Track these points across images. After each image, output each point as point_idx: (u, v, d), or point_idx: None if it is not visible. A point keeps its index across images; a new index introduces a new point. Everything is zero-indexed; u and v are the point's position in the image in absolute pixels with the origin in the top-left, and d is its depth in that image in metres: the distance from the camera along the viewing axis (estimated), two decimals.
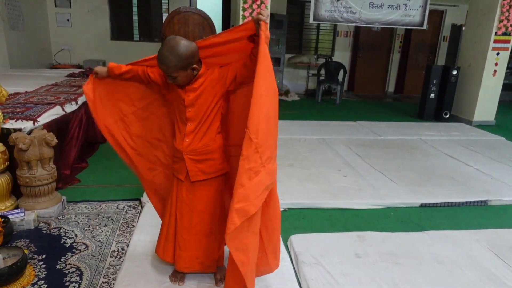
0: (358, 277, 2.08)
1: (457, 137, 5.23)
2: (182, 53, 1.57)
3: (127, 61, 6.30)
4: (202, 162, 1.76)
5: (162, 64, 1.60)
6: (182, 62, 1.58)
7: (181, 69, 1.60)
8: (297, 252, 2.27)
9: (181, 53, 1.56)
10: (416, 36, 8.85)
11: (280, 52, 8.12)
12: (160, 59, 1.60)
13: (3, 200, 2.55)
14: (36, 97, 3.51)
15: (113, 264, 2.13)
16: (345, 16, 6.22)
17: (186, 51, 1.57)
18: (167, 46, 1.57)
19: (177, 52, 1.56)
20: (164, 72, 1.65)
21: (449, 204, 3.15)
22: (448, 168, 3.94)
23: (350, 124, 5.76)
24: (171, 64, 1.58)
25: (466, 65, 6.35)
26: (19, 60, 6.37)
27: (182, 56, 1.57)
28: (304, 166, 3.79)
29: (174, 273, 1.99)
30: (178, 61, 1.57)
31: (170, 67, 1.59)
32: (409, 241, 2.49)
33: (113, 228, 2.52)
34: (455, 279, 2.12)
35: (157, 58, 1.62)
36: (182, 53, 1.57)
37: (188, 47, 1.58)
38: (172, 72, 1.61)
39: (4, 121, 2.64)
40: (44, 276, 2.01)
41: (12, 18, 6.19)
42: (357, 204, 3.04)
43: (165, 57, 1.57)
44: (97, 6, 7.84)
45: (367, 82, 9.23)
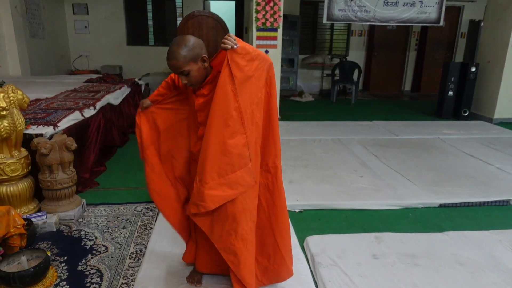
0: (375, 278, 2.06)
1: (477, 135, 5.11)
2: (189, 43, 1.54)
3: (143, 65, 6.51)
4: None
5: (172, 59, 1.54)
6: (191, 52, 1.53)
7: (191, 61, 1.55)
8: (314, 254, 2.26)
9: (188, 44, 1.54)
10: (432, 33, 8.69)
11: (294, 53, 8.12)
12: (169, 56, 1.54)
13: (26, 203, 2.62)
14: (56, 103, 3.61)
15: (132, 266, 2.17)
16: (359, 15, 6.16)
17: (193, 41, 1.56)
18: (174, 43, 1.55)
19: (185, 43, 1.53)
20: (175, 70, 1.58)
21: (470, 204, 3.07)
22: (468, 167, 3.86)
23: (366, 124, 5.70)
24: (180, 56, 1.52)
25: (486, 62, 6.20)
26: (39, 67, 6.57)
27: (190, 46, 1.54)
28: (319, 167, 3.77)
29: (191, 275, 2.01)
30: (187, 51, 1.53)
31: (179, 59, 1.53)
32: (428, 242, 2.44)
33: (132, 230, 2.57)
34: (477, 281, 2.07)
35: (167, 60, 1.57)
36: (189, 43, 1.54)
37: (195, 39, 1.57)
38: (182, 66, 1.54)
39: (26, 127, 2.72)
40: (66, 277, 2.06)
41: (32, 27, 6.38)
42: (374, 205, 3.00)
43: (173, 51, 1.53)
44: (114, 12, 8.01)
45: (382, 81, 9.11)
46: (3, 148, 2.45)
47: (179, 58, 1.53)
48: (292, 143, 4.55)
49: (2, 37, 5.64)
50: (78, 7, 7.86)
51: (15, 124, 2.44)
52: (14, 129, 2.43)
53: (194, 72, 1.58)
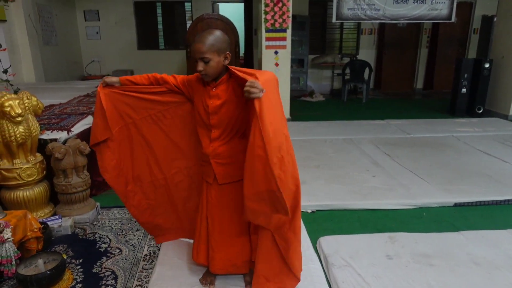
0: (390, 279, 2.03)
1: (492, 133, 5.02)
2: (220, 36, 1.63)
3: (154, 69, 6.55)
4: (228, 165, 1.78)
5: (199, 43, 1.59)
6: (218, 43, 1.61)
7: (216, 51, 1.61)
8: (327, 254, 2.25)
9: (219, 35, 1.63)
10: (444, 30, 8.56)
11: (304, 53, 8.10)
12: (197, 39, 1.61)
13: (42, 207, 2.68)
14: (70, 108, 3.67)
15: (145, 268, 2.19)
16: (368, 13, 6.12)
17: (224, 36, 1.65)
18: (206, 31, 1.63)
19: (216, 34, 1.62)
20: (198, 54, 1.60)
21: (485, 202, 3.02)
22: (483, 165, 3.79)
23: (377, 123, 5.65)
24: (209, 42, 1.59)
25: (500, 57, 6.09)
26: (53, 73, 6.70)
27: (220, 37, 1.63)
28: (331, 167, 3.75)
29: (204, 276, 2.02)
30: (216, 41, 1.60)
31: (206, 44, 1.59)
32: (443, 242, 2.41)
33: (145, 232, 2.59)
34: (493, 280, 2.03)
35: (191, 45, 1.65)
36: (220, 36, 1.63)
37: (225, 35, 1.66)
38: (206, 52, 1.59)
39: (41, 132, 2.78)
40: (82, 279, 2.09)
41: (45, 34, 6.51)
42: (387, 205, 2.97)
43: (203, 36, 1.60)
44: (124, 17, 8.13)
45: (394, 80, 9.02)
46: (19, 154, 2.50)
47: (206, 43, 1.60)
48: (303, 143, 4.53)
49: (17, 45, 5.77)
50: (89, 13, 8.00)
51: (30, 129, 2.49)
52: (29, 134, 2.48)
53: (214, 63, 1.63)
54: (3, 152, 2.48)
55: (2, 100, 2.34)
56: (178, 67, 8.38)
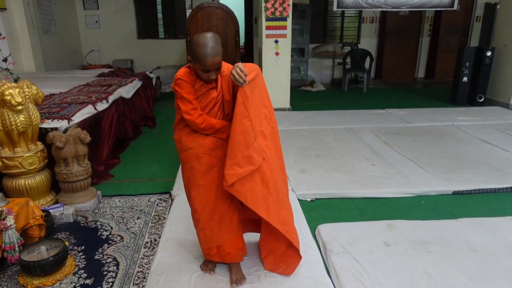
0: (387, 265, 2.06)
1: (493, 121, 5.01)
2: (219, 39, 1.63)
3: (154, 58, 6.57)
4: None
5: (215, 56, 1.59)
6: (220, 46, 1.63)
7: (221, 55, 1.65)
8: (325, 241, 2.28)
9: (219, 40, 1.63)
10: (446, 17, 8.48)
11: (304, 42, 8.04)
12: (211, 53, 1.58)
13: (44, 196, 2.70)
14: (70, 97, 3.68)
15: (146, 255, 2.22)
16: (370, 1, 6.05)
17: (218, 37, 1.65)
18: (209, 41, 1.59)
19: (218, 40, 1.62)
20: (214, 66, 1.62)
21: (484, 190, 3.03)
22: (483, 153, 3.79)
23: (378, 112, 5.64)
24: (220, 52, 1.62)
25: (502, 46, 6.04)
26: (53, 62, 6.68)
27: (218, 39, 1.63)
28: (331, 156, 3.76)
29: (205, 263, 2.05)
30: (219, 45, 1.62)
31: (220, 55, 1.62)
32: (441, 229, 2.43)
33: (146, 220, 2.62)
34: (490, 267, 2.05)
35: (201, 60, 1.59)
36: (219, 39, 1.63)
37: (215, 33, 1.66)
38: (220, 61, 1.64)
39: (42, 121, 2.79)
40: (84, 266, 2.12)
41: (45, 23, 6.47)
42: (386, 193, 2.99)
43: (214, 48, 1.59)
44: (123, 6, 8.05)
45: (395, 69, 8.96)
46: (20, 142, 2.52)
47: (220, 53, 1.63)
48: (303, 132, 4.54)
49: (16, 33, 5.74)
50: (88, 2, 7.93)
51: (31, 118, 2.50)
52: (30, 123, 2.49)
53: (221, 65, 1.68)
54: (4, 141, 2.50)
55: (3, 89, 2.34)
56: (178, 56, 8.34)
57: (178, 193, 2.94)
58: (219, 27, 6.44)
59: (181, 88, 1.70)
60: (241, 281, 1.93)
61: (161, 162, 3.75)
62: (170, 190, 3.05)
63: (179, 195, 2.90)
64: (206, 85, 1.73)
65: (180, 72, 1.72)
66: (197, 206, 1.86)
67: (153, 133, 4.81)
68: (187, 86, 1.70)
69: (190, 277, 1.97)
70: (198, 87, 1.73)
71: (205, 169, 1.80)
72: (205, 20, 6.41)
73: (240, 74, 1.59)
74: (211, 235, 1.89)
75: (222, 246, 1.90)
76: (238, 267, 1.99)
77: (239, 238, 1.94)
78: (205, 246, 1.95)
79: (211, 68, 1.62)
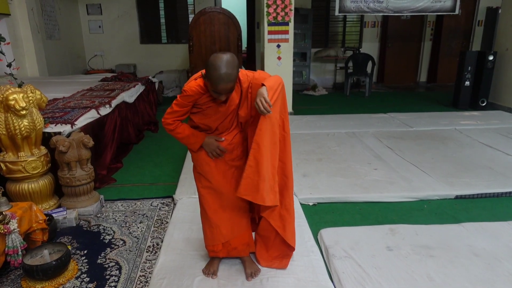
0: (390, 270, 2.06)
1: (495, 126, 5.00)
2: (235, 63, 1.57)
3: (156, 63, 6.61)
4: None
5: (229, 83, 1.55)
6: (236, 71, 1.59)
7: (237, 78, 1.62)
8: (327, 246, 2.27)
9: (235, 64, 1.57)
10: (448, 22, 8.50)
11: (306, 47, 8.06)
12: (225, 79, 1.53)
13: (47, 200, 2.72)
14: (73, 102, 3.70)
15: (149, 259, 2.23)
16: (371, 6, 6.08)
17: (236, 60, 1.60)
18: (224, 65, 1.52)
19: (233, 64, 1.56)
20: (224, 91, 1.59)
21: (487, 195, 3.03)
22: (485, 158, 3.78)
23: (380, 116, 5.64)
24: (235, 78, 1.58)
25: (504, 50, 6.04)
26: (56, 67, 6.72)
27: (236, 65, 1.58)
28: (333, 160, 3.76)
29: (207, 267, 2.06)
30: (237, 71, 1.59)
31: (234, 81, 1.58)
32: (443, 233, 2.42)
33: (148, 224, 2.63)
34: (493, 271, 2.04)
35: (213, 83, 1.56)
36: (235, 63, 1.57)
37: (234, 56, 1.60)
38: (234, 86, 1.61)
39: (45, 126, 2.80)
40: (86, 270, 2.13)
41: (48, 28, 6.53)
42: (388, 197, 2.98)
43: (229, 74, 1.54)
44: (126, 11, 8.11)
45: (397, 73, 8.97)
46: (24, 147, 2.53)
47: (234, 79, 1.59)
48: (305, 137, 4.54)
49: (20, 39, 5.79)
50: (92, 7, 8.00)
51: (35, 123, 2.52)
52: (33, 128, 2.51)
53: (234, 87, 1.63)
54: (8, 145, 2.51)
55: (7, 94, 2.36)
56: (180, 61, 8.38)
57: (181, 197, 2.95)
58: (221, 31, 6.47)
59: (182, 98, 1.72)
60: (256, 273, 2.00)
61: (164, 166, 3.76)
62: (172, 194, 3.05)
63: (182, 199, 2.91)
64: (214, 101, 1.73)
65: (190, 84, 1.69)
66: (205, 204, 1.90)
67: (155, 138, 4.83)
68: (188, 99, 1.71)
69: (192, 281, 1.97)
70: (206, 101, 1.72)
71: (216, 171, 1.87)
72: (207, 25, 6.44)
73: (265, 106, 1.57)
74: (218, 233, 1.92)
75: (229, 241, 1.94)
76: (251, 260, 2.06)
77: (246, 233, 1.98)
78: (210, 243, 1.96)
79: (222, 92, 1.60)
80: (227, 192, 1.88)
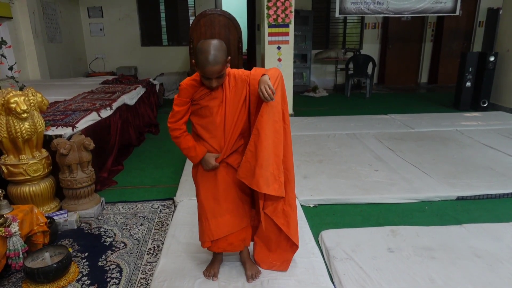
0: (391, 271, 2.05)
1: (496, 126, 4.99)
2: (223, 47, 1.60)
3: (157, 65, 6.62)
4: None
5: (215, 64, 1.57)
6: (225, 55, 1.61)
7: (225, 63, 1.63)
8: (328, 248, 2.27)
9: (223, 47, 1.60)
10: (449, 23, 8.50)
11: (307, 48, 8.08)
12: (211, 61, 1.56)
13: (48, 202, 2.72)
14: (74, 105, 3.71)
15: (150, 261, 2.23)
16: (372, 7, 6.08)
17: (224, 45, 1.63)
18: (211, 48, 1.56)
19: (221, 47, 1.59)
20: (215, 74, 1.61)
21: (488, 196, 3.02)
22: (487, 158, 3.77)
23: (381, 117, 5.64)
24: (222, 60, 1.59)
25: (505, 51, 6.04)
26: (57, 70, 6.75)
27: (224, 49, 1.61)
28: (334, 161, 3.76)
29: (208, 269, 2.05)
30: (224, 54, 1.60)
31: (222, 63, 1.59)
32: (445, 235, 2.41)
33: (149, 227, 2.63)
34: (495, 273, 2.03)
35: (201, 66, 1.59)
36: (223, 47, 1.60)
37: (221, 41, 1.63)
38: (222, 69, 1.61)
39: (46, 128, 2.81)
40: (87, 272, 2.13)
41: (50, 32, 6.55)
42: (389, 199, 2.98)
43: (215, 56, 1.56)
44: (127, 14, 8.14)
45: (398, 74, 8.97)
46: (25, 150, 2.54)
47: (222, 62, 1.60)
48: (306, 138, 4.54)
49: (21, 42, 5.82)
50: (93, 10, 8.03)
51: (36, 126, 2.53)
52: (34, 130, 2.51)
53: (224, 73, 1.66)
54: (9, 148, 2.52)
55: (8, 97, 2.37)
56: (181, 63, 8.40)
57: (181, 199, 2.95)
58: (222, 34, 6.49)
59: (179, 95, 1.76)
60: (256, 275, 2.00)
61: (164, 168, 3.76)
62: (173, 196, 3.05)
63: (182, 201, 2.91)
64: (210, 95, 1.73)
65: (184, 80, 1.77)
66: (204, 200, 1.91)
67: (156, 140, 4.83)
68: (184, 94, 1.74)
69: (193, 284, 1.97)
70: (201, 95, 1.74)
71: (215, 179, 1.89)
72: (208, 27, 6.46)
73: (269, 92, 1.61)
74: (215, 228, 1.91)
75: (226, 236, 1.93)
76: (252, 262, 2.06)
77: (243, 230, 1.96)
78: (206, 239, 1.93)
79: (210, 76, 1.62)
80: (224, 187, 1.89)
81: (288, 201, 1.89)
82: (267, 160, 1.70)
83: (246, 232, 2.00)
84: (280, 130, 1.76)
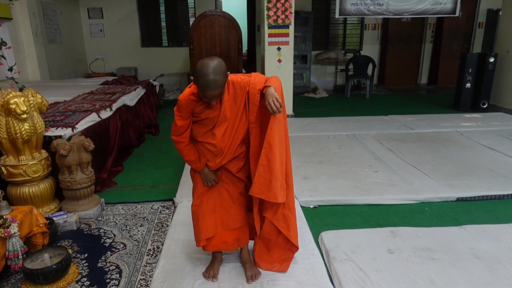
0: (391, 273, 2.05)
1: (496, 127, 4.99)
2: (223, 69, 1.58)
3: (157, 66, 6.63)
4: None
5: (216, 89, 1.57)
6: (224, 76, 1.59)
7: (225, 84, 1.62)
8: (328, 249, 2.27)
9: (222, 69, 1.58)
10: (448, 24, 8.50)
11: (307, 49, 8.08)
12: (212, 86, 1.55)
13: (48, 203, 2.72)
14: (74, 106, 3.71)
15: (149, 262, 2.22)
16: (372, 8, 6.09)
17: (224, 65, 1.61)
18: (211, 71, 1.54)
19: (221, 70, 1.57)
20: (215, 97, 1.62)
21: (488, 197, 3.01)
22: (486, 160, 3.77)
23: (381, 118, 5.64)
24: (223, 84, 1.59)
25: (505, 52, 6.04)
26: (57, 71, 6.75)
27: (224, 71, 1.59)
28: (334, 162, 3.76)
29: (208, 270, 2.05)
30: (224, 77, 1.59)
31: (222, 87, 1.60)
32: (445, 236, 2.41)
33: (149, 227, 2.63)
34: (495, 274, 2.03)
35: (201, 90, 1.59)
36: (223, 69, 1.58)
37: (222, 61, 1.61)
38: (222, 92, 1.62)
39: (46, 129, 2.81)
40: (87, 273, 2.13)
41: (50, 32, 6.55)
42: (389, 200, 2.98)
43: (217, 81, 1.55)
44: (127, 15, 8.15)
45: (398, 75, 8.97)
46: (24, 150, 2.54)
47: (222, 85, 1.60)
48: (306, 139, 4.54)
49: (21, 43, 5.82)
50: (93, 11, 8.03)
51: (35, 126, 2.52)
52: (34, 131, 2.51)
53: (223, 91, 1.65)
54: (9, 149, 2.52)
55: (8, 98, 2.37)
56: (181, 64, 8.40)
57: (181, 200, 2.94)
58: (222, 34, 6.49)
59: (178, 110, 1.73)
60: (256, 276, 2.00)
61: (164, 169, 3.76)
62: (173, 197, 3.05)
63: (182, 202, 2.90)
64: (209, 107, 1.73)
65: (183, 93, 1.73)
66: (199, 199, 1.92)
67: (156, 141, 4.83)
68: (184, 110, 1.72)
69: (193, 285, 1.97)
70: (201, 109, 1.73)
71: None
72: (208, 28, 6.46)
73: (277, 106, 1.62)
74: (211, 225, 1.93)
75: (219, 234, 1.95)
76: (252, 263, 2.07)
77: (237, 230, 1.98)
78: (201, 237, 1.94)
79: (210, 98, 1.62)
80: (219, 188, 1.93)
81: (287, 205, 1.91)
82: (278, 171, 1.73)
83: (241, 233, 2.01)
84: (283, 138, 1.78)
